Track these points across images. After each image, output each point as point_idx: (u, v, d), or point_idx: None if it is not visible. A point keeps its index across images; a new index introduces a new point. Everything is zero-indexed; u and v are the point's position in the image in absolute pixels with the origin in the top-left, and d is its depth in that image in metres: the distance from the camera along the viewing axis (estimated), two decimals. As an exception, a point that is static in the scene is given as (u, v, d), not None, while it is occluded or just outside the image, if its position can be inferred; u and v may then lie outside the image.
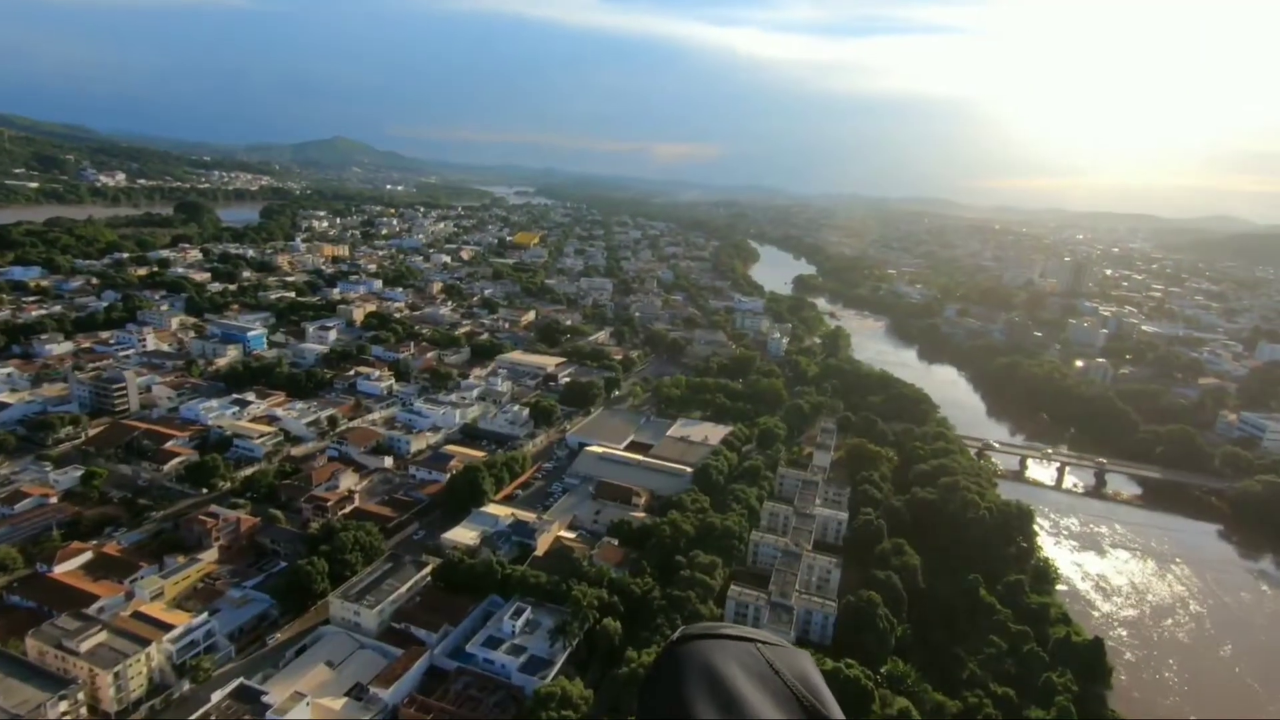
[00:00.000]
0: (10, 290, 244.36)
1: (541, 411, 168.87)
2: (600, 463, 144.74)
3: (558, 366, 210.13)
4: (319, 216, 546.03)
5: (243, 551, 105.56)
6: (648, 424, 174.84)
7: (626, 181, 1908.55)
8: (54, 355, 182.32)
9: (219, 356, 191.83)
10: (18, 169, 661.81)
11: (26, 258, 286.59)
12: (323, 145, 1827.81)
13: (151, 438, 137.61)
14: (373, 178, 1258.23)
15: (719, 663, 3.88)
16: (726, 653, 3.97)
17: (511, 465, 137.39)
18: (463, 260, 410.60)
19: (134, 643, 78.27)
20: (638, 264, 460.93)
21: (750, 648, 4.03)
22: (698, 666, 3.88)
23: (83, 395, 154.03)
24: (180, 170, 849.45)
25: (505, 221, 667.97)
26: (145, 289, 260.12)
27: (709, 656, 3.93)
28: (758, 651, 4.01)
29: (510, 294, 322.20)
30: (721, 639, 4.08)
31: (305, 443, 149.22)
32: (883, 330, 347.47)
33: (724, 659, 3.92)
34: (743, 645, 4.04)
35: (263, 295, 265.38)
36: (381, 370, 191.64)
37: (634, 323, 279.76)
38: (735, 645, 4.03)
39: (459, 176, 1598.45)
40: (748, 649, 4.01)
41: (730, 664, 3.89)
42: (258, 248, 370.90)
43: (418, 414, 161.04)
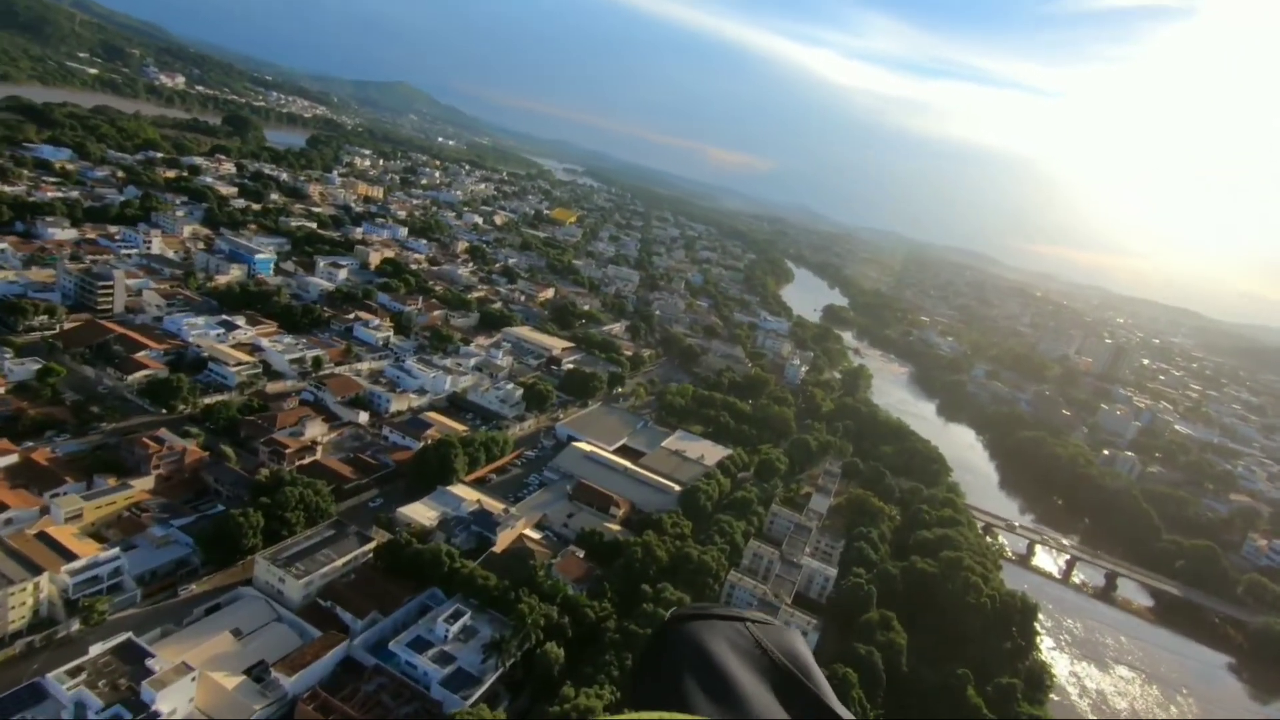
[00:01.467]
0: (33, 167, 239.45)
1: (536, 394, 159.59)
2: (585, 461, 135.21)
3: (564, 351, 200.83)
4: (363, 154, 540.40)
5: (182, 485, 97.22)
6: (644, 429, 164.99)
7: (674, 178, 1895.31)
8: (54, 240, 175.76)
9: (221, 274, 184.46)
10: (82, 53, 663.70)
11: (60, 139, 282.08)
12: (384, 87, 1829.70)
13: (124, 344, 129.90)
14: (427, 128, 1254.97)
15: (709, 642, 4.01)
16: (716, 632, 4.08)
17: (491, 446, 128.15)
18: (495, 225, 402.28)
19: (25, 568, 69.93)
20: (669, 261, 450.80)
21: (740, 626, 4.15)
22: (689, 647, 4.00)
23: (68, 286, 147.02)
24: (240, 84, 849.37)
25: (546, 195, 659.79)
26: (168, 192, 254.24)
27: (700, 637, 4.05)
28: (747, 630, 4.13)
29: (534, 267, 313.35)
30: (711, 619, 4.20)
31: (284, 380, 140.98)
32: (906, 377, 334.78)
33: (714, 638, 4.03)
34: (732, 624, 4.16)
35: (284, 221, 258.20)
36: (383, 320, 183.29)
37: (653, 320, 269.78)
38: (725, 625, 4.16)
39: (511, 142, 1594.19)
40: (737, 628, 4.14)
41: (720, 643, 4.01)
42: (293, 173, 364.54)
43: (407, 372, 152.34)
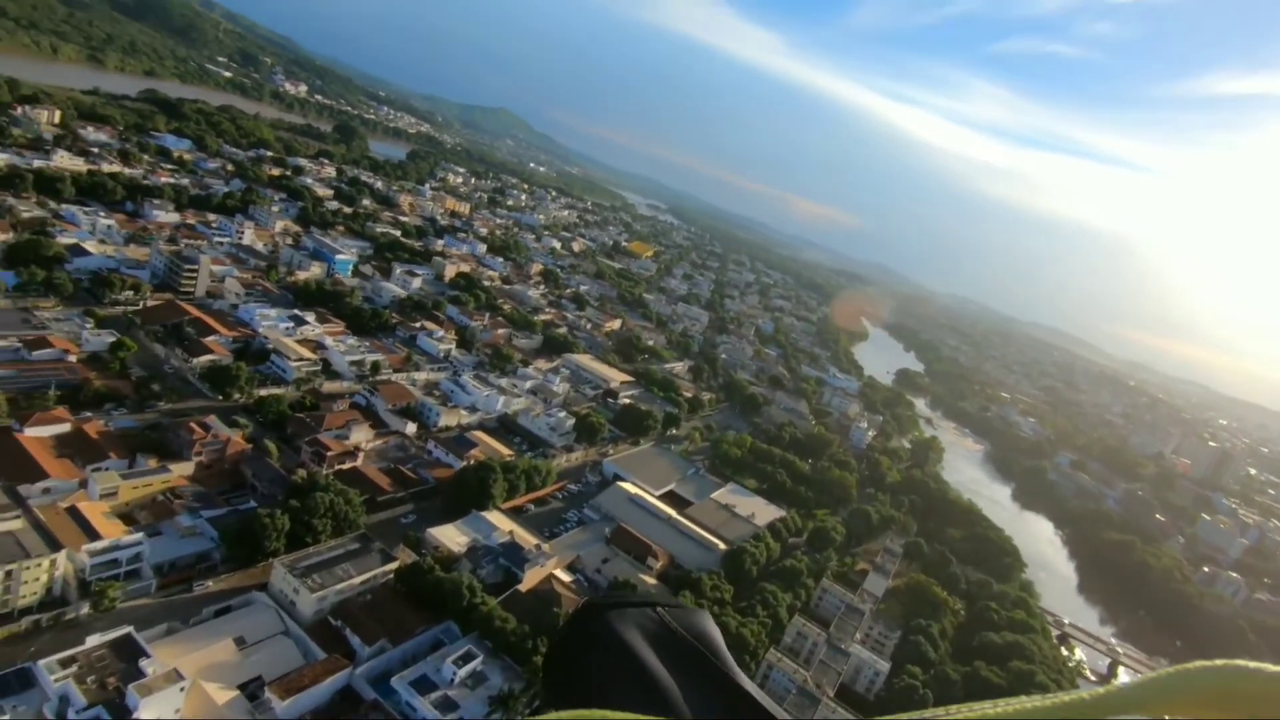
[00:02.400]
0: (155, 154, 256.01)
1: (588, 426, 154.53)
2: (628, 504, 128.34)
3: (623, 384, 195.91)
4: (456, 171, 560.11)
5: (221, 475, 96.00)
6: (695, 477, 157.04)
7: (756, 224, 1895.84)
8: (157, 221, 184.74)
9: (302, 270, 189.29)
10: (221, 58, 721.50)
11: (184, 131, 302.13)
12: (487, 112, 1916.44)
13: (197, 326, 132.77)
14: (521, 153, 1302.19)
15: (620, 629, 4.03)
16: (626, 619, 4.10)
17: (533, 474, 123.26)
18: (572, 251, 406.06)
19: (45, 542, 68.48)
20: (742, 306, 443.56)
21: (649, 611, 4.18)
22: (599, 634, 4.02)
23: (158, 266, 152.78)
24: (355, 97, 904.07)
25: (627, 227, 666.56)
26: (270, 188, 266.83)
27: (611, 624, 4.06)
28: (656, 614, 4.16)
29: (605, 297, 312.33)
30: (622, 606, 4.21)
31: (341, 380, 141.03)
32: (981, 455, 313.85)
33: (624, 625, 4.06)
34: (642, 610, 4.18)
35: (370, 226, 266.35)
36: (448, 332, 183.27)
37: (718, 363, 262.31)
38: (635, 611, 4.17)
39: (600, 173, 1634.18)
40: (647, 613, 4.17)
41: (630, 629, 4.04)
42: (387, 182, 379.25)
43: (461, 388, 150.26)
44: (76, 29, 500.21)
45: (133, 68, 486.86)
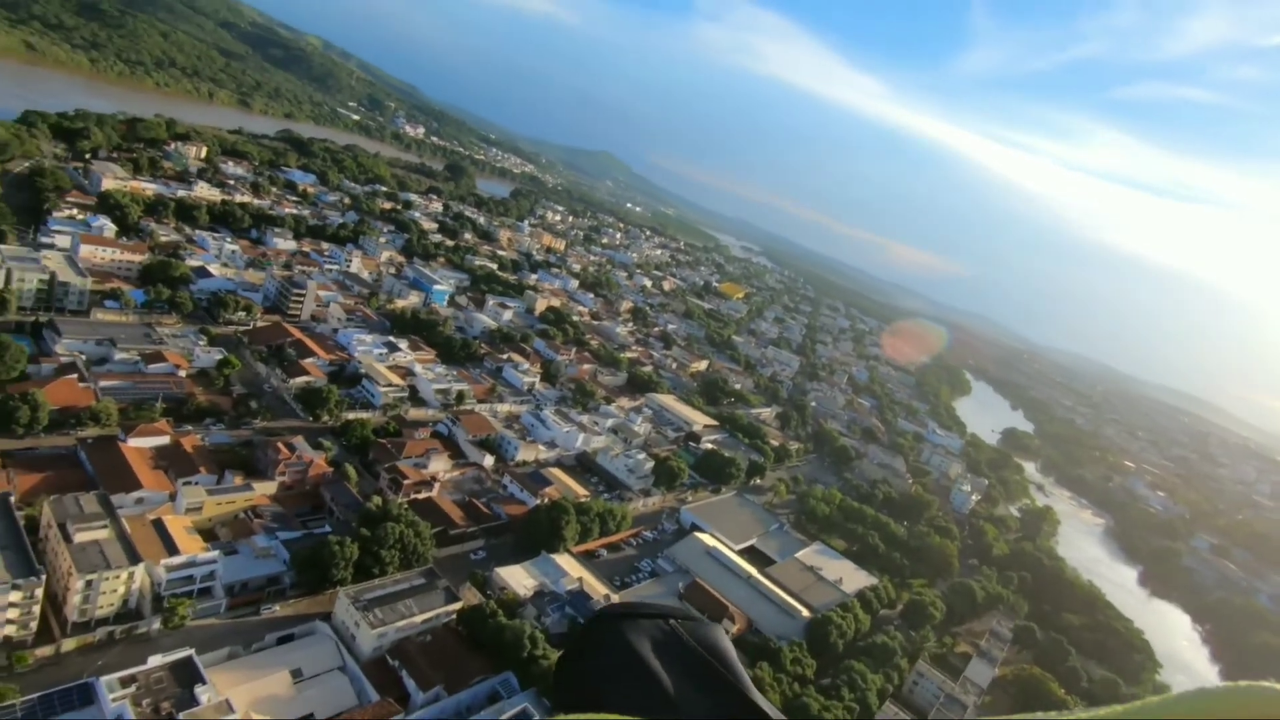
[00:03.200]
0: (282, 187, 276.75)
1: (667, 470, 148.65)
2: (705, 557, 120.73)
3: (706, 428, 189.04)
4: (555, 209, 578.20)
5: (301, 496, 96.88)
6: (778, 533, 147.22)
7: (851, 269, 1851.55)
8: (276, 248, 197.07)
9: (400, 298, 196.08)
10: (351, 102, 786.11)
11: (310, 166, 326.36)
12: (589, 155, 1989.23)
13: (298, 348, 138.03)
14: (619, 194, 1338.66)
15: (633, 639, 4.09)
16: (640, 629, 4.17)
17: (608, 518, 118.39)
18: (662, 290, 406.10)
19: (127, 554, 69.51)
20: (834, 352, 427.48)
21: (662, 623, 4.24)
22: (612, 644, 4.08)
23: (270, 289, 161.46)
24: (467, 139, 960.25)
25: (719, 268, 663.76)
26: (380, 220, 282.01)
27: (624, 634, 4.13)
28: (670, 626, 4.21)
29: (693, 337, 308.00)
30: (634, 617, 4.30)
31: (426, 408, 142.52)
32: (1102, 531, 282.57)
33: (638, 635, 4.12)
34: (655, 622, 4.24)
35: (469, 259, 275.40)
36: (534, 365, 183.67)
37: (807, 411, 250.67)
38: (648, 622, 4.24)
39: (694, 215, 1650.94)
40: (660, 624, 4.22)
41: (643, 640, 4.10)
42: (489, 218, 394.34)
43: (542, 422, 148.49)
44: (231, 77, 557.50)
45: (275, 110, 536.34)
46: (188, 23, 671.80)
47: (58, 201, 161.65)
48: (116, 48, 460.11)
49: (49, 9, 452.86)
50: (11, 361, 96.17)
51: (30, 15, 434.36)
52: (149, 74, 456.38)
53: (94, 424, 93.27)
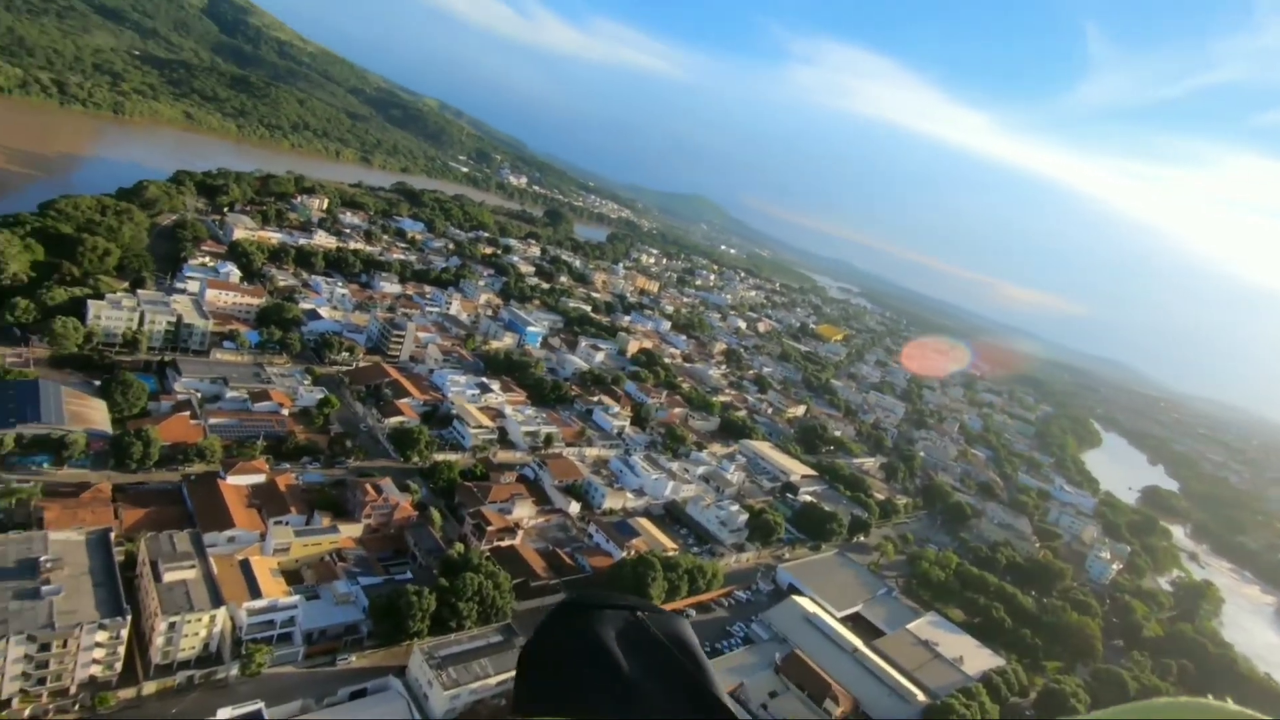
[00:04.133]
0: (393, 234, 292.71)
1: (762, 524, 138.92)
2: (805, 625, 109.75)
3: (804, 478, 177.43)
4: (650, 252, 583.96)
5: (386, 539, 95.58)
6: (886, 599, 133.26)
7: (957, 310, 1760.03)
8: (382, 291, 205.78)
9: (495, 339, 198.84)
10: (461, 156, 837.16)
11: (419, 215, 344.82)
12: (683, 199, 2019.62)
13: (395, 388, 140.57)
14: (714, 236, 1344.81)
15: (598, 630, 4.06)
16: (604, 620, 4.13)
17: (697, 575, 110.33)
18: (757, 331, 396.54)
19: (211, 596, 69.06)
20: (943, 398, 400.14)
21: (628, 614, 4.21)
22: (576, 634, 4.04)
23: (373, 331, 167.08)
24: (567, 187, 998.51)
25: (816, 310, 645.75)
26: (481, 264, 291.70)
27: (588, 624, 4.09)
28: (634, 617, 4.19)
29: (789, 380, 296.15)
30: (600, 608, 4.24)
31: (515, 450, 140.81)
32: (1274, 611, 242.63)
33: (602, 626, 4.09)
34: (621, 613, 4.21)
35: (564, 301, 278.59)
36: (624, 408, 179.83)
37: (915, 463, 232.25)
38: (614, 613, 4.19)
39: (790, 257, 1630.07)
40: (625, 616, 4.19)
41: (608, 630, 4.06)
42: (585, 261, 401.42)
43: (630, 468, 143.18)
44: (356, 136, 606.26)
45: (392, 165, 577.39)
46: (322, 90, 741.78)
47: (194, 250, 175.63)
48: (260, 114, 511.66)
49: (207, 84, 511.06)
50: (134, 399, 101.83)
51: (192, 89, 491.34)
52: (285, 136, 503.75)
53: (200, 460, 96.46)
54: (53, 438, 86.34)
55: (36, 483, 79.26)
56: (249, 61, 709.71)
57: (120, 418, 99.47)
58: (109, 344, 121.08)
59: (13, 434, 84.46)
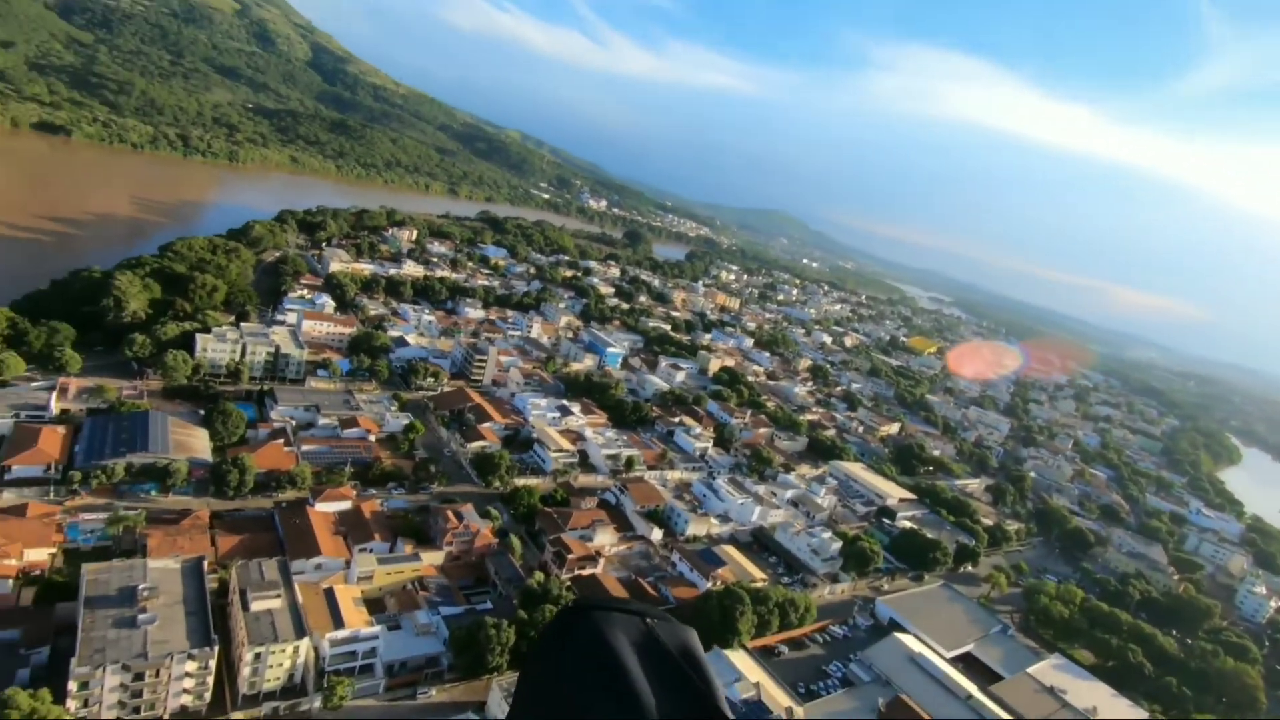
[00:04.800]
0: (478, 261, 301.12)
1: (858, 553, 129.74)
2: (910, 666, 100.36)
3: (901, 501, 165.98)
4: (729, 269, 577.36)
5: (467, 567, 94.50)
6: (1001, 638, 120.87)
7: (1061, 318, 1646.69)
8: (467, 317, 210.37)
9: (575, 361, 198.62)
10: (543, 183, 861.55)
11: (502, 242, 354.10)
12: (762, 214, 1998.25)
13: (477, 413, 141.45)
14: (795, 250, 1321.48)
15: (606, 633, 4.05)
16: (613, 624, 4.12)
17: (789, 609, 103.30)
18: (844, 346, 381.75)
19: (295, 626, 69.18)
20: (1053, 413, 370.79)
21: (637, 621, 4.18)
22: (585, 636, 4.05)
23: (457, 356, 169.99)
24: (646, 207, 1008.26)
25: (906, 321, 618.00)
26: (561, 287, 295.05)
27: (597, 627, 4.09)
28: (644, 624, 4.16)
29: (880, 397, 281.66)
30: (610, 611, 4.25)
31: (596, 474, 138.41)
32: None
33: (611, 630, 4.07)
34: (629, 618, 4.18)
35: (644, 321, 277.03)
36: (706, 429, 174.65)
37: (1025, 484, 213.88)
38: (623, 618, 4.18)
39: (875, 268, 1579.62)
40: (634, 622, 4.16)
41: (617, 635, 4.05)
42: (664, 280, 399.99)
43: (714, 492, 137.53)
44: (444, 170, 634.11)
45: (477, 196, 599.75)
46: (413, 128, 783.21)
47: (293, 284, 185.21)
48: (357, 155, 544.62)
49: (310, 130, 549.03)
50: (233, 427, 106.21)
51: (297, 135, 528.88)
52: (380, 174, 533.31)
53: (291, 487, 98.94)
54: (158, 466, 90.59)
55: (142, 510, 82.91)
56: (347, 106, 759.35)
57: (221, 446, 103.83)
58: (214, 374, 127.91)
59: (124, 463, 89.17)
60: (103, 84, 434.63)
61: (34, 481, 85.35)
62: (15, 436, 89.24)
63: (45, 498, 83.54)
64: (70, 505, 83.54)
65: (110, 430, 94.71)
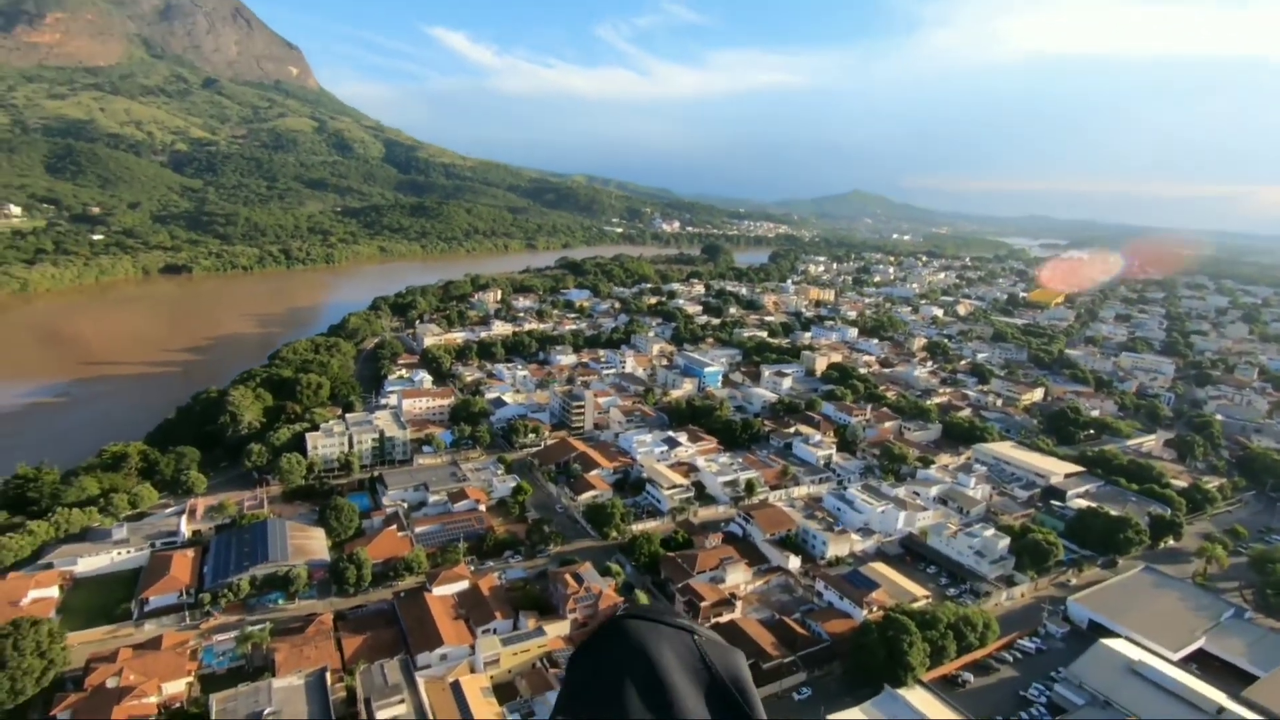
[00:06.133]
0: (563, 307, 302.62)
1: (1032, 546, 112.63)
2: (1130, 678, 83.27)
3: (1068, 477, 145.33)
4: (817, 261, 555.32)
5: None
6: (1236, 624, 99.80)
7: (1201, 234, 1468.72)
8: (559, 365, 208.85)
9: (675, 388, 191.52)
10: (614, 219, 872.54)
11: (583, 283, 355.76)
12: (839, 199, 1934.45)
13: (583, 462, 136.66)
14: (881, 228, 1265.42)
15: (653, 646, 3.96)
16: (661, 637, 4.02)
17: (964, 627, 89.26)
18: (958, 315, 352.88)
19: (424, 732, 64.68)
20: (1221, 342, 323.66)
21: (686, 637, 4.07)
22: (632, 646, 3.97)
23: (555, 407, 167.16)
24: (719, 220, 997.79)
25: (1021, 276, 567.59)
26: (648, 315, 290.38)
27: (644, 638, 4.00)
28: (693, 642, 4.06)
29: (1012, 362, 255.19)
30: (659, 623, 4.13)
31: (716, 504, 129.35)
32: None
33: (658, 643, 3.99)
34: (678, 633, 4.08)
35: (737, 333, 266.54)
36: (825, 434, 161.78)
37: (1214, 430, 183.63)
38: (671, 632, 4.07)
39: (971, 227, 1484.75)
40: (683, 638, 4.06)
41: (664, 649, 3.96)
42: (750, 287, 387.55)
43: (849, 503, 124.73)
44: (518, 227, 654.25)
45: (554, 244, 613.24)
46: (485, 196, 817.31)
47: (390, 366, 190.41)
48: (437, 231, 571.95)
49: (393, 219, 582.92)
50: (346, 522, 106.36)
51: (382, 226, 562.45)
52: (461, 244, 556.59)
53: (409, 573, 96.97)
54: (279, 575, 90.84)
55: (268, 624, 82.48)
56: (423, 189, 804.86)
57: (339, 542, 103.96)
58: (328, 470, 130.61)
59: (248, 577, 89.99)
60: (213, 220, 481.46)
61: (171, 609, 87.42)
62: (151, 566, 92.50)
63: (181, 624, 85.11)
64: (205, 628, 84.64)
65: (234, 545, 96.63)
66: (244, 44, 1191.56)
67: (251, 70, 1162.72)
